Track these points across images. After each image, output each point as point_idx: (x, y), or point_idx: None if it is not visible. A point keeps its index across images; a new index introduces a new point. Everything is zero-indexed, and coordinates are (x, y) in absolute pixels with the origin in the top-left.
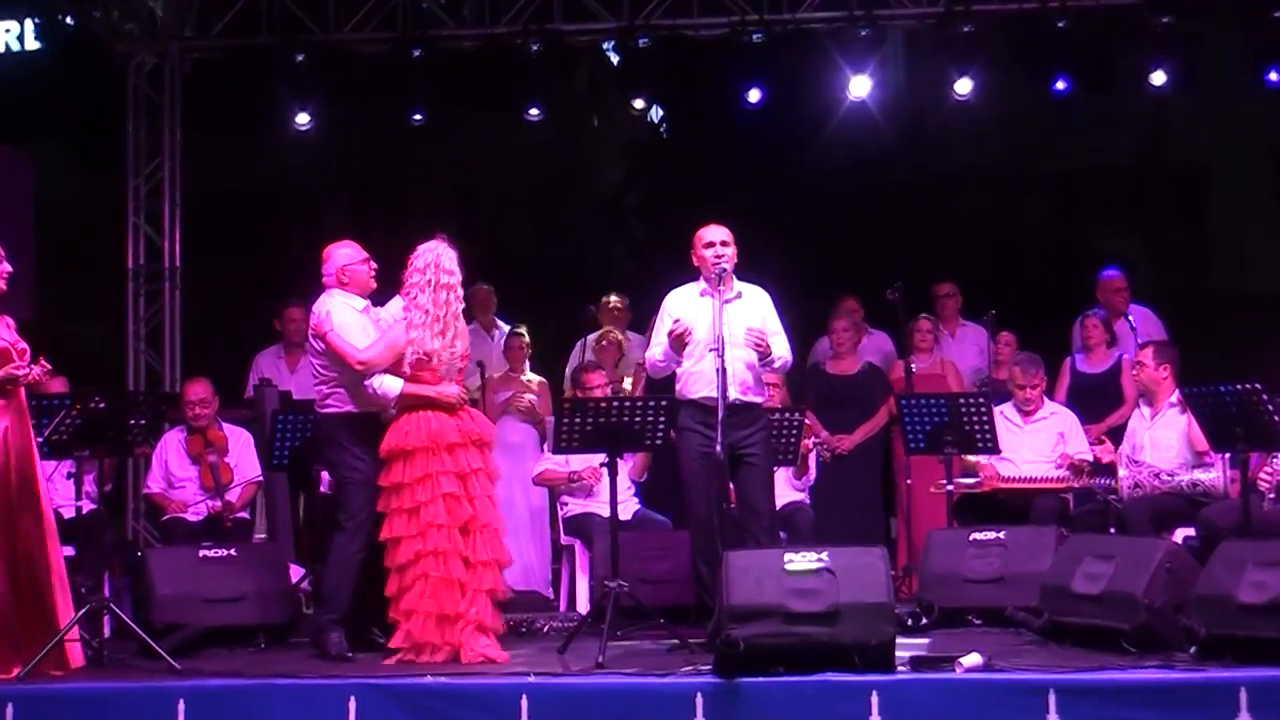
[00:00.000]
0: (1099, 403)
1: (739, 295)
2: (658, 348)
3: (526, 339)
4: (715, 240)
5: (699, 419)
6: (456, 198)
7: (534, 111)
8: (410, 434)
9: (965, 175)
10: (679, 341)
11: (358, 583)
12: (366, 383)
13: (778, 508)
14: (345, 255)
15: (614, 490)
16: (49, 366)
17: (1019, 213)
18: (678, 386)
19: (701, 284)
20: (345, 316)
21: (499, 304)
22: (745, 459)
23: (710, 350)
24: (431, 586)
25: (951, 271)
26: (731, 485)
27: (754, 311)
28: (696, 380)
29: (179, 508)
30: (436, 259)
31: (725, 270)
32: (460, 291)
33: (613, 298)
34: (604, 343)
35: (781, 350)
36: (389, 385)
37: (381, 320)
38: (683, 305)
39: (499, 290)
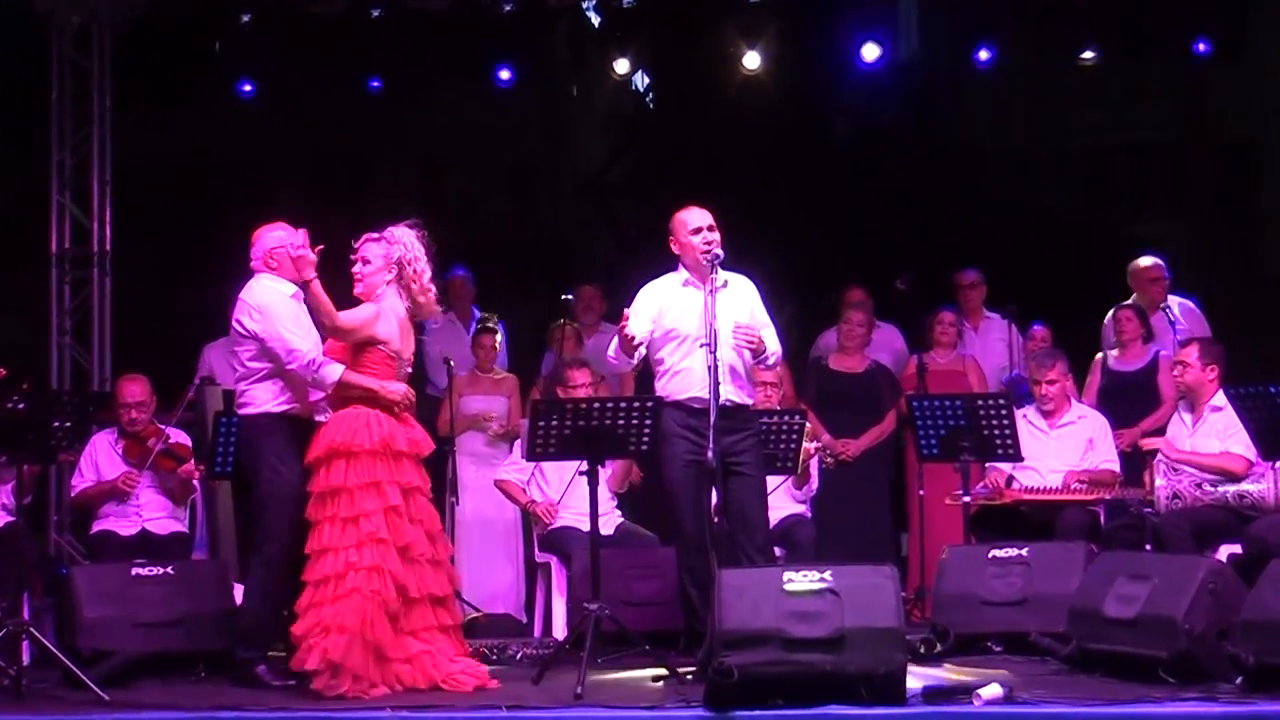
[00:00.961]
0: (1133, 404)
1: (725, 285)
2: (612, 344)
3: (498, 334)
4: (703, 225)
5: (685, 423)
6: (421, 174)
7: (505, 75)
8: (357, 432)
9: (985, 152)
10: (628, 344)
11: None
12: (306, 362)
13: (776, 521)
14: (275, 238)
15: (594, 501)
16: None
17: (1044, 194)
18: (658, 385)
19: (683, 274)
20: (269, 297)
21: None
22: (735, 467)
23: (701, 345)
24: (360, 605)
25: (967, 259)
26: (721, 496)
27: (742, 303)
28: (683, 379)
29: (114, 504)
30: (405, 255)
31: (719, 257)
32: (426, 285)
33: (587, 288)
34: (569, 339)
35: (774, 345)
36: (327, 371)
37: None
38: (662, 298)
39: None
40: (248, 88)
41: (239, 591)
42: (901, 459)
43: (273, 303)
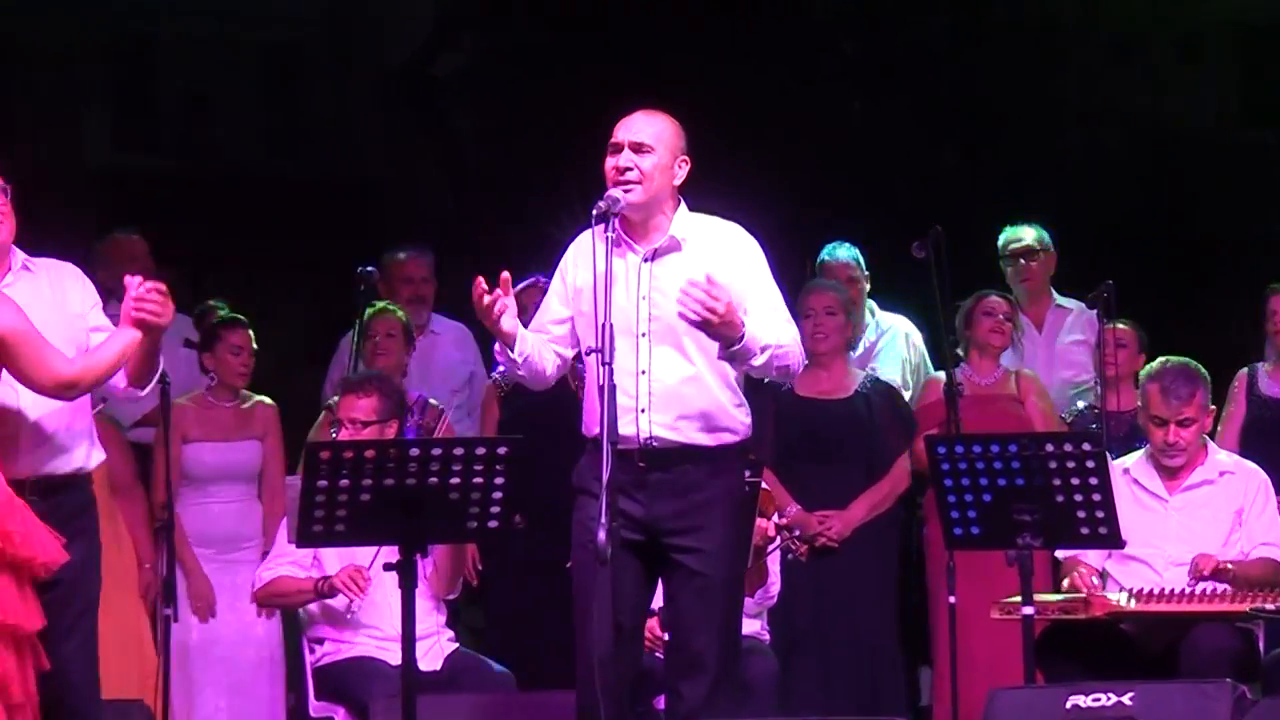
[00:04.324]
0: None
1: (671, 244)
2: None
3: (248, 332)
4: (623, 141)
5: (602, 476)
6: (131, 68)
7: None
8: None
9: (1054, 38)
10: (500, 334)
11: None
12: None
13: None
14: None
15: (409, 617)
16: None
17: (1157, 105)
18: (583, 415)
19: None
20: None
21: None
22: (678, 555)
23: (588, 353)
24: None
25: (1027, 211)
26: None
27: (706, 270)
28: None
29: None
30: None
31: (616, 202)
32: None
33: (402, 254)
34: (378, 337)
35: (775, 336)
36: None
37: None
38: (579, 264)
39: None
40: None
41: None
42: (918, 542)
43: None
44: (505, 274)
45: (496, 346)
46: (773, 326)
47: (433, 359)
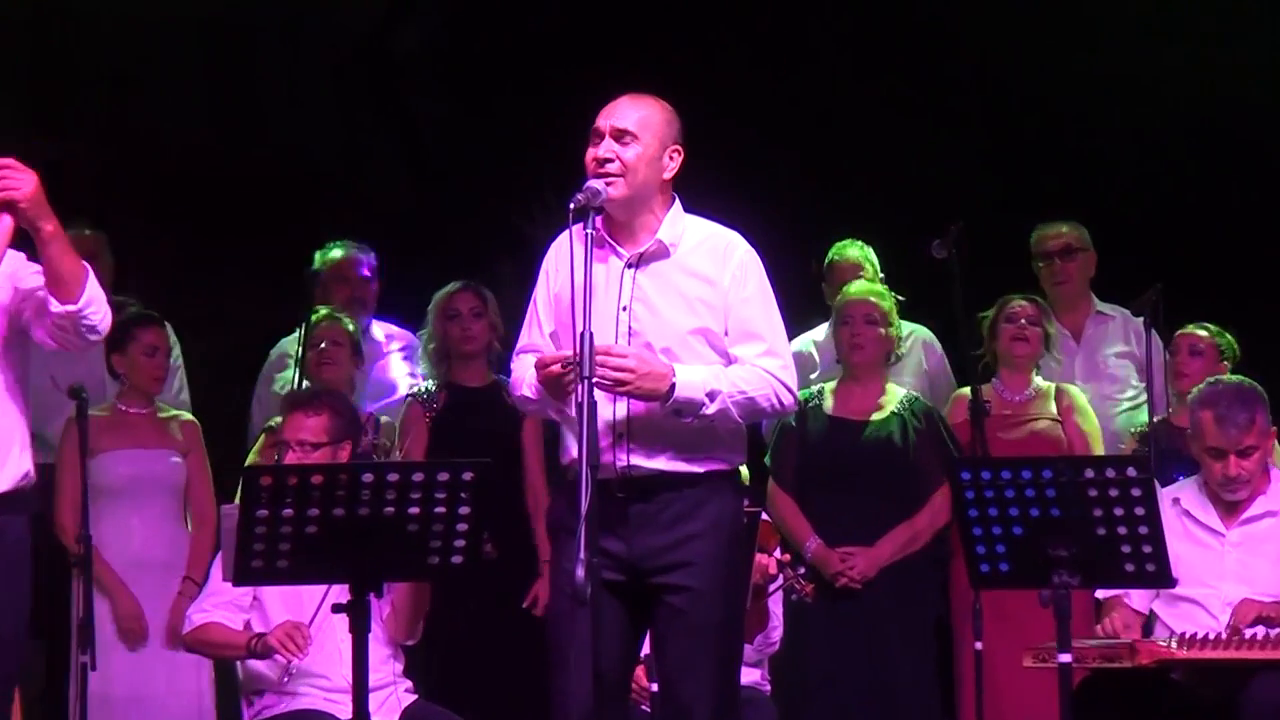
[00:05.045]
0: None
1: (658, 249)
2: (525, 367)
3: (167, 333)
4: (604, 127)
5: (582, 511)
6: (46, 45)
7: None
8: None
9: (1082, 3)
10: (554, 384)
11: None
12: None
13: None
14: None
15: (361, 665)
16: None
17: (1208, 81)
18: (561, 439)
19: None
20: None
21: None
22: (667, 594)
23: (566, 365)
24: None
25: (1063, 203)
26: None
27: (696, 286)
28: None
29: None
30: None
31: (597, 194)
32: None
33: (336, 252)
34: (324, 344)
35: (743, 378)
36: None
37: None
38: (558, 269)
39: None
40: None
41: None
42: (948, 580)
43: None
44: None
45: (529, 388)
46: (746, 369)
47: (369, 372)
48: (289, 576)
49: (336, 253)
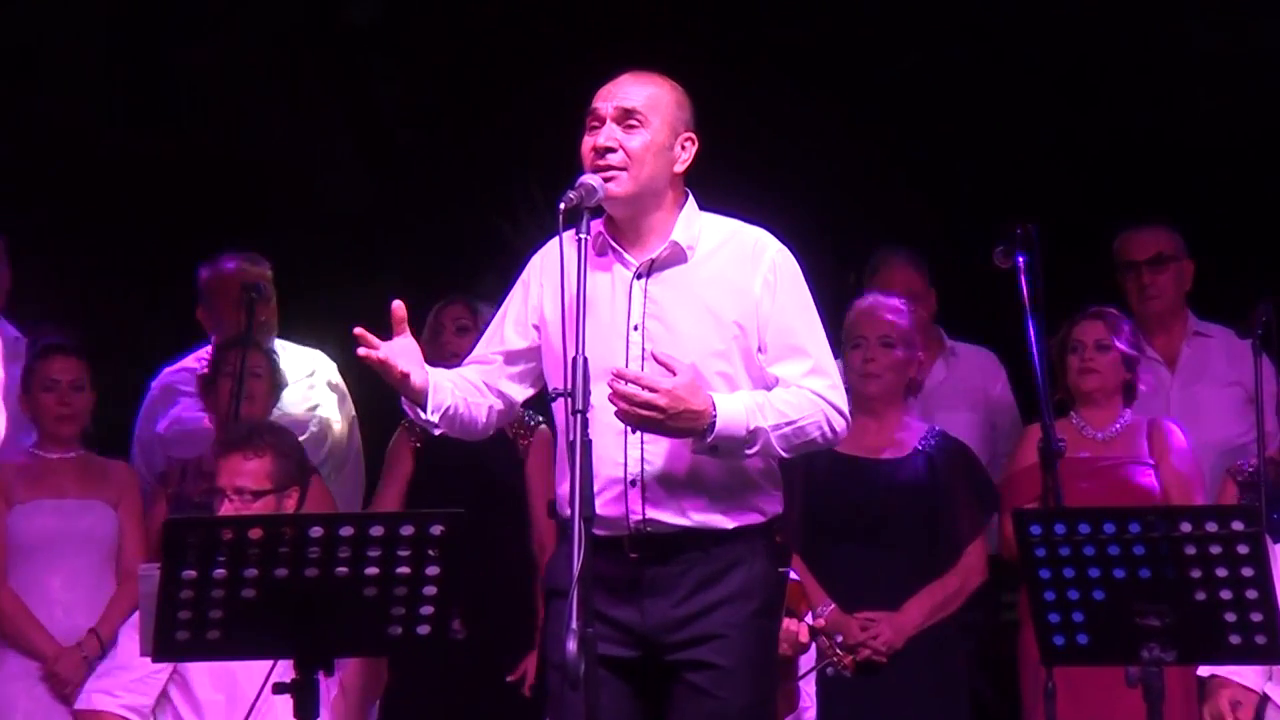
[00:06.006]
0: None
1: (673, 253)
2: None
3: (70, 360)
4: (605, 110)
5: (581, 572)
6: None
7: None
8: None
9: None
10: (394, 380)
11: None
12: None
13: None
14: None
15: None
16: None
17: None
18: (555, 486)
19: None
20: None
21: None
22: (688, 671)
23: (553, 395)
24: None
25: (1151, 202)
26: None
27: (722, 295)
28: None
29: None
30: None
31: (594, 192)
32: None
33: (230, 263)
34: (253, 370)
35: (791, 404)
36: None
37: None
38: (544, 283)
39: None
40: None
41: None
42: (1010, 648)
43: None
44: (398, 305)
45: (405, 402)
46: (791, 392)
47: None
48: (221, 651)
49: (229, 263)
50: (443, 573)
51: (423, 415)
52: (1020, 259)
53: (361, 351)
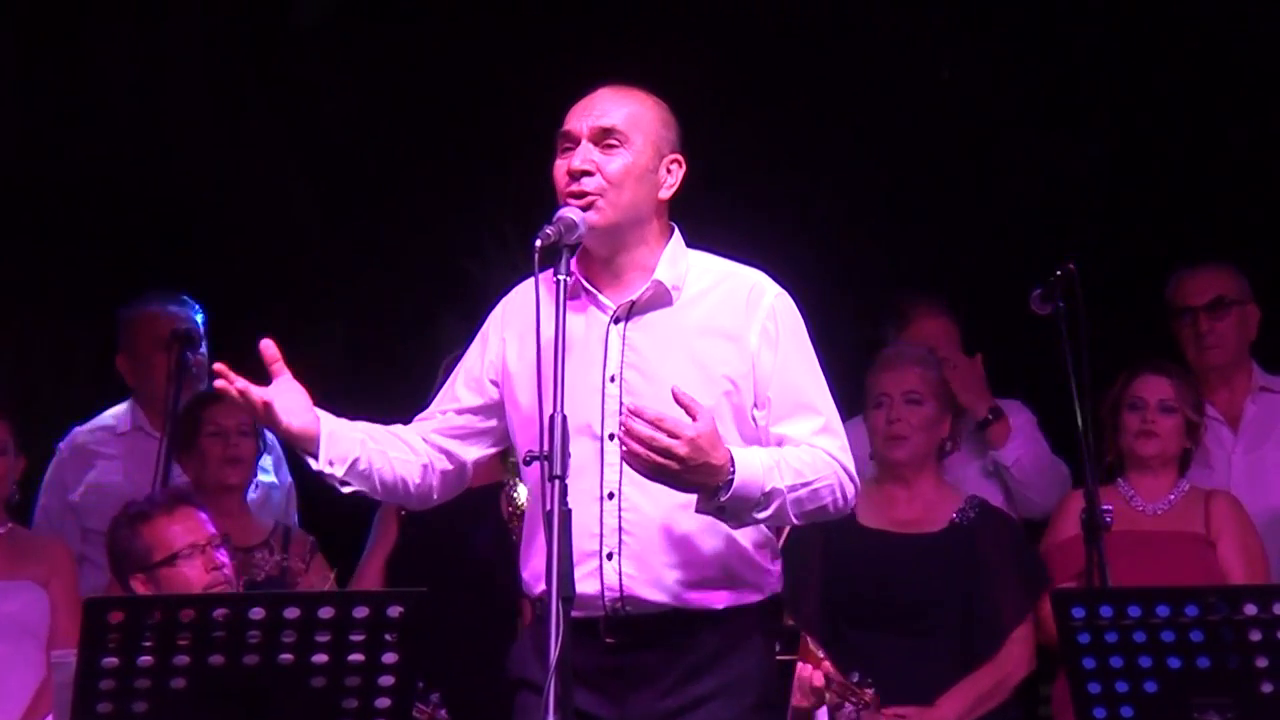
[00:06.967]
0: None
1: (656, 294)
2: None
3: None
4: (579, 130)
5: (551, 655)
6: None
7: None
8: None
9: None
10: (270, 425)
11: None
12: None
13: None
14: None
15: None
16: None
17: None
18: (521, 563)
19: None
20: None
21: None
22: None
23: (528, 459)
24: None
25: (1214, 244)
26: None
27: (711, 344)
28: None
29: None
30: None
31: (574, 228)
32: None
33: (152, 306)
34: (230, 437)
35: (805, 465)
36: None
37: None
38: (515, 331)
39: None
40: None
41: None
42: None
43: None
44: (266, 344)
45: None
46: (803, 450)
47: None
48: None
49: (151, 307)
50: (401, 660)
51: (314, 465)
52: (1060, 304)
53: (219, 384)
